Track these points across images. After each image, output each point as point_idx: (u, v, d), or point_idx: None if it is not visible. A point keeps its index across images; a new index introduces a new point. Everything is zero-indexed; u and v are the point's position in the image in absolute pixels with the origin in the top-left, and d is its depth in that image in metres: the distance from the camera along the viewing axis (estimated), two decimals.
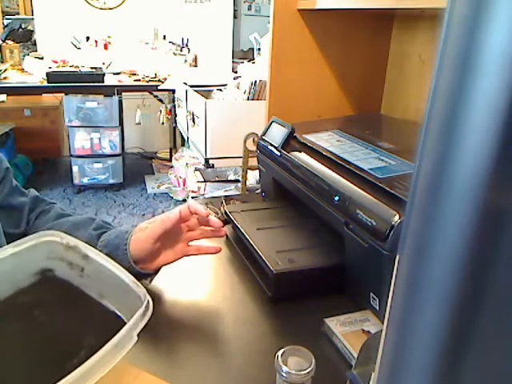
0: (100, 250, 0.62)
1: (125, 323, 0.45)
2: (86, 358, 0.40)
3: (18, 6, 4.47)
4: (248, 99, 2.38)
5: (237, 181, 2.55)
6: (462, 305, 0.20)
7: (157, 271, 0.76)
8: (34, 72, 3.26)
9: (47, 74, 3.10)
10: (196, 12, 4.01)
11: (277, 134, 1.00)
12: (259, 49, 2.47)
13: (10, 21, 4.21)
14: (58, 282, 0.56)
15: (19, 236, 0.77)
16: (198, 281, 0.84)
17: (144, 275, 0.74)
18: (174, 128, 3.80)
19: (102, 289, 0.54)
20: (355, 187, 0.73)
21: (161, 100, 3.66)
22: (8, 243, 0.71)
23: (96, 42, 3.70)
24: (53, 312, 0.53)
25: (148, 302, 0.49)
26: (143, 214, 3.21)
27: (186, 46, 3.86)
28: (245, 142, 1.19)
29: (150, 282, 0.76)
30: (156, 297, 0.74)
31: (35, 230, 0.78)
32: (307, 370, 0.52)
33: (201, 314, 0.74)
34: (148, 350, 0.64)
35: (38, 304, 0.53)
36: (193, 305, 0.76)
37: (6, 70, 3.31)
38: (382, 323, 0.66)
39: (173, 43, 3.84)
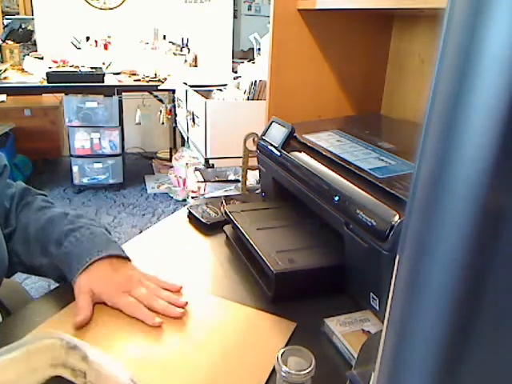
0: (65, 248, 0.72)
1: None
2: None
3: (18, 6, 4.48)
4: (248, 99, 2.38)
5: (237, 181, 2.56)
6: (461, 305, 0.20)
7: None
8: (34, 72, 3.27)
9: (47, 74, 3.11)
10: (196, 12, 4.02)
11: (277, 134, 1.00)
12: (259, 49, 2.47)
13: (10, 21, 4.22)
14: None
15: (8, 235, 0.77)
16: (198, 281, 0.84)
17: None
18: (174, 128, 3.81)
19: None
20: (355, 187, 0.73)
21: (161, 100, 3.66)
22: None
23: (96, 42, 3.70)
24: None
25: None
26: (143, 214, 3.21)
27: (186, 45, 3.86)
28: (245, 142, 1.19)
29: None
30: None
31: (19, 223, 0.79)
32: (307, 370, 0.52)
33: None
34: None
35: None
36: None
37: (6, 69, 3.31)
38: (382, 323, 0.66)
39: (173, 43, 3.84)
